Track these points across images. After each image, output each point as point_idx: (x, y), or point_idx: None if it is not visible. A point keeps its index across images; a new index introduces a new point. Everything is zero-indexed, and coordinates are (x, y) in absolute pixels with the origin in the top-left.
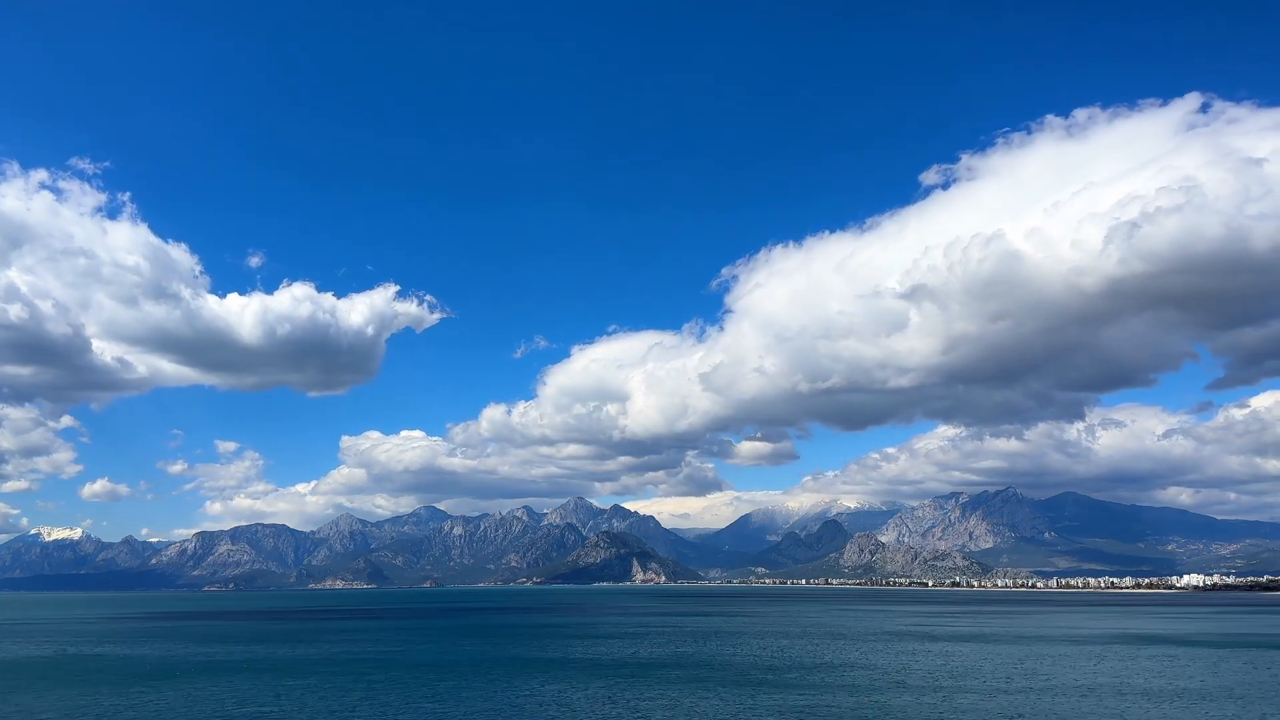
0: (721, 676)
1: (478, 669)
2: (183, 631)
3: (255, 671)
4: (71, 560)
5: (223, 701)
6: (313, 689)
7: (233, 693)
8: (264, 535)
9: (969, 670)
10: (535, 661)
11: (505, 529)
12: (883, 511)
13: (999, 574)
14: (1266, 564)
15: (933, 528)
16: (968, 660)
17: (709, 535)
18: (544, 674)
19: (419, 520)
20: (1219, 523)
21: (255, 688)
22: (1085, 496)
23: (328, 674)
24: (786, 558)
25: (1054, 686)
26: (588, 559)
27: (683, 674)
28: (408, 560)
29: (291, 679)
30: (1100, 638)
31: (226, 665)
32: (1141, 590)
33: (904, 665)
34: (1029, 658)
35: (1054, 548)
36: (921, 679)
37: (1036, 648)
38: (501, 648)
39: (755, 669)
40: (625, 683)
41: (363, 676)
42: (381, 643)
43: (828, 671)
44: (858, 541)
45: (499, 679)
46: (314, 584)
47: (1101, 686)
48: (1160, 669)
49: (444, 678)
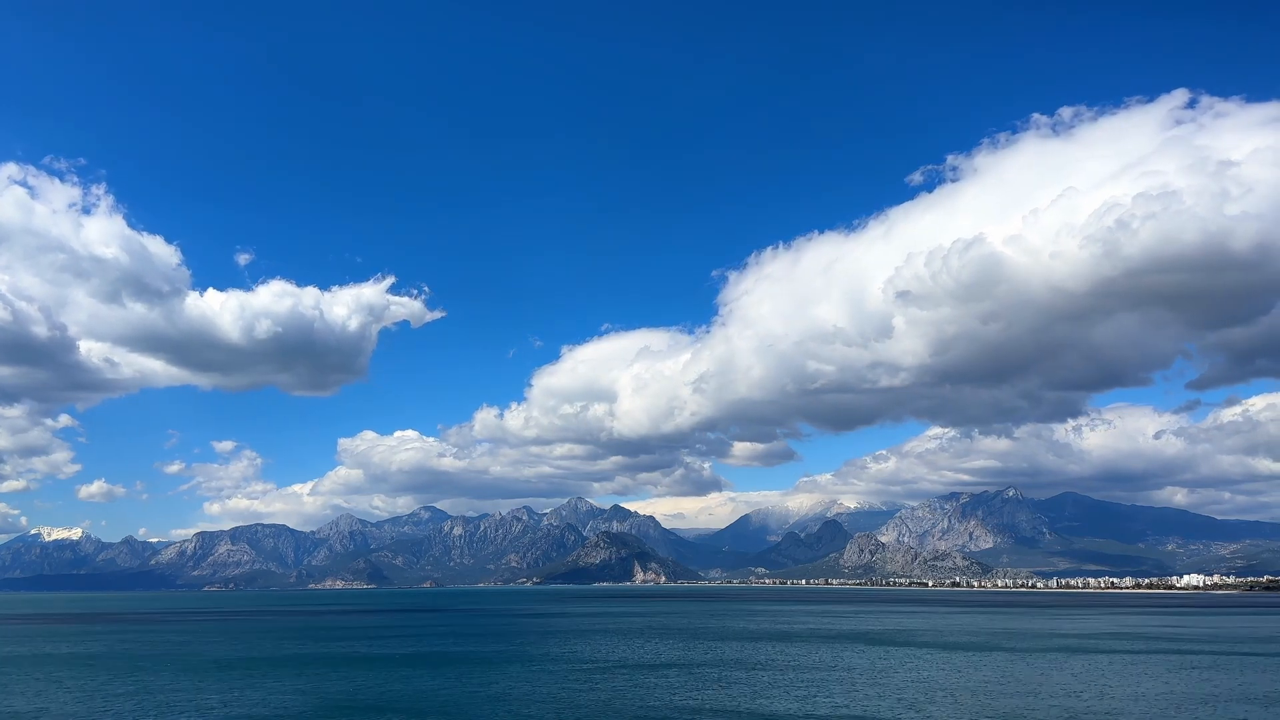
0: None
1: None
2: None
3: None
4: (71, 560)
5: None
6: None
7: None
8: (264, 535)
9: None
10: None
11: (505, 529)
12: (882, 512)
13: (999, 574)
14: (1266, 564)
15: (932, 528)
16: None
17: (709, 536)
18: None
19: (419, 520)
20: (1218, 523)
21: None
22: (1085, 497)
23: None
24: (786, 558)
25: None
26: (588, 559)
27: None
28: (408, 560)
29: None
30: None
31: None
32: (1142, 590)
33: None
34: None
35: (1054, 548)
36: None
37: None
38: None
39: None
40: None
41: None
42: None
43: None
44: (857, 542)
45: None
46: (314, 584)
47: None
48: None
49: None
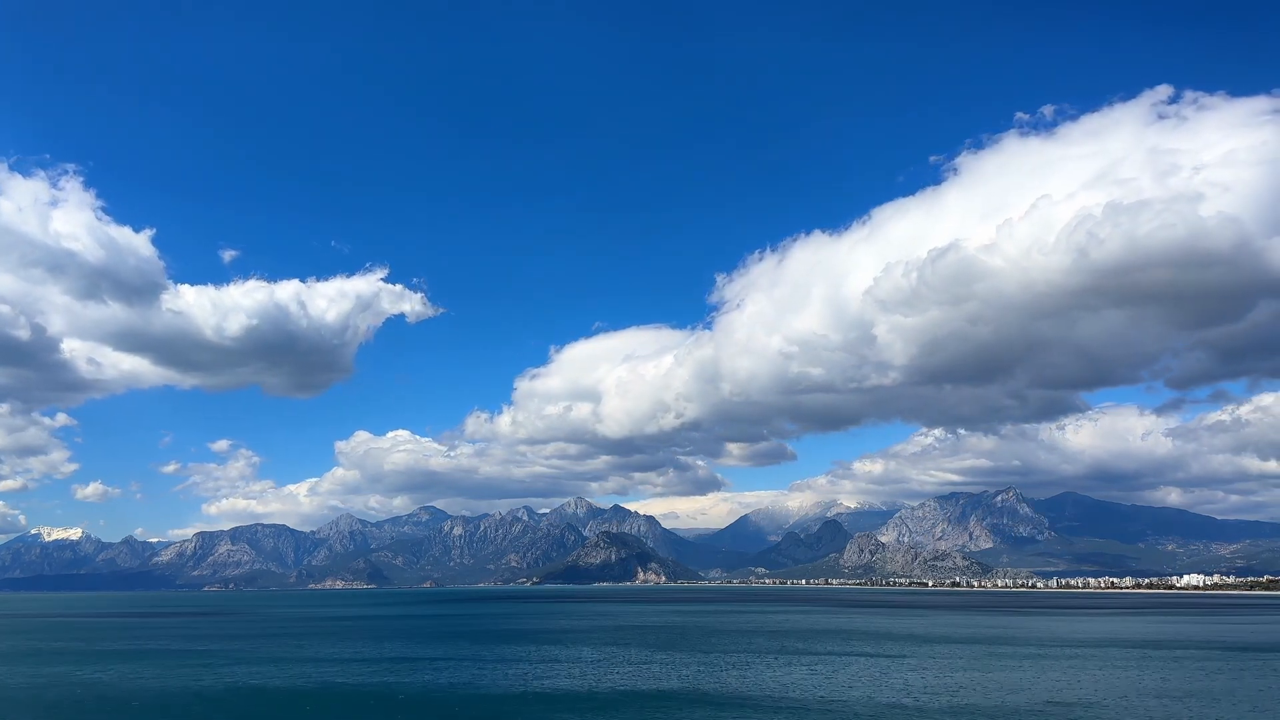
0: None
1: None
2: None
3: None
4: (71, 560)
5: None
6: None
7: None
8: (264, 535)
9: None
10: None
11: (505, 529)
12: (882, 512)
13: (999, 574)
14: (1266, 564)
15: (932, 528)
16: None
17: (709, 536)
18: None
19: (419, 520)
20: (1218, 523)
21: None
22: (1085, 497)
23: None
24: (786, 558)
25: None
26: (588, 559)
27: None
28: (408, 560)
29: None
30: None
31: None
32: (1142, 590)
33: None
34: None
35: (1054, 548)
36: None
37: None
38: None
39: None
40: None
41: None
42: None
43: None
44: (858, 542)
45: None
46: (314, 584)
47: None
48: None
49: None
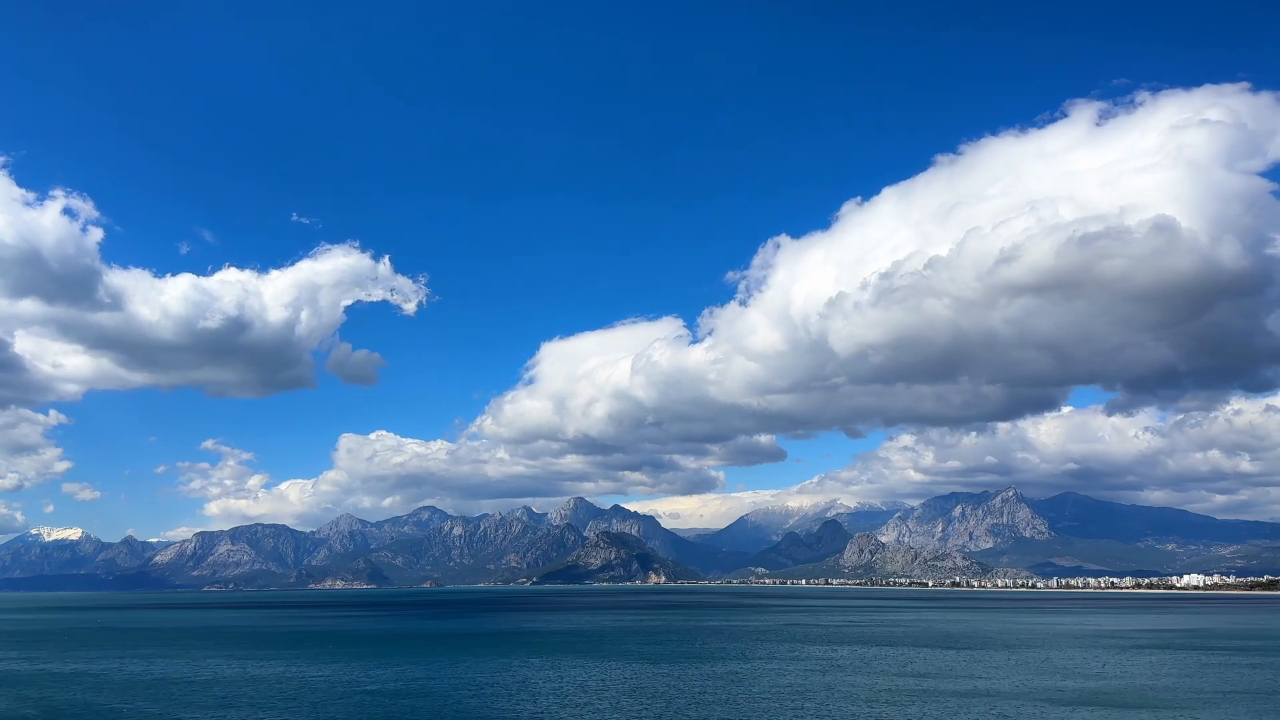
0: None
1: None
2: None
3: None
4: (71, 560)
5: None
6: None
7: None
8: (264, 535)
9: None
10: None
11: (505, 529)
12: (883, 511)
13: (999, 574)
14: (1267, 564)
15: (933, 528)
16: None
17: (709, 536)
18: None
19: (419, 520)
20: (1218, 523)
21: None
22: (1085, 497)
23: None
24: (787, 558)
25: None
26: (588, 559)
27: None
28: (407, 560)
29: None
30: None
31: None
32: (1142, 590)
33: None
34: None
35: (1053, 548)
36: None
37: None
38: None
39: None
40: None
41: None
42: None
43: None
44: (858, 542)
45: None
46: (314, 584)
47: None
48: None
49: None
